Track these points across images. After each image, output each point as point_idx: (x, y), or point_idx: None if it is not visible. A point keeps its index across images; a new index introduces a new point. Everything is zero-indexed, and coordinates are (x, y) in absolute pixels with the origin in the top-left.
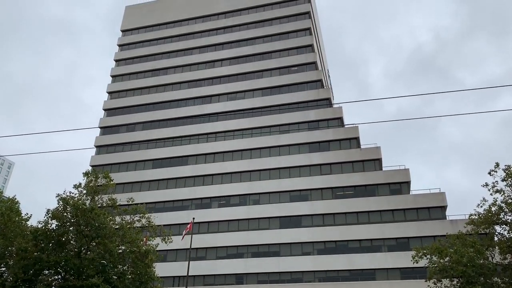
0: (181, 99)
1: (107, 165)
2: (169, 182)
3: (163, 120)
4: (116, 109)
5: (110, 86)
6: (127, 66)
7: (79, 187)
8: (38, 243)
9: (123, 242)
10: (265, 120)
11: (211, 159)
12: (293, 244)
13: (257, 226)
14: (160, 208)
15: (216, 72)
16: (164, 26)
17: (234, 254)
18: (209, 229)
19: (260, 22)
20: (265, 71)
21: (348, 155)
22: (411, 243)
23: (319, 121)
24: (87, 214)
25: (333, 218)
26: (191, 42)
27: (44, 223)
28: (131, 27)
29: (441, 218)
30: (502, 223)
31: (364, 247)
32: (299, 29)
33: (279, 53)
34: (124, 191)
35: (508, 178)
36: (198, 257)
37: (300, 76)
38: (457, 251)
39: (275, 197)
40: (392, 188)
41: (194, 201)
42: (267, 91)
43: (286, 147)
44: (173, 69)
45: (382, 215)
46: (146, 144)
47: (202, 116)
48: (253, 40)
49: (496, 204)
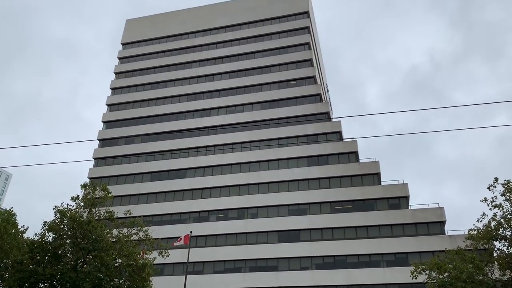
0: (180, 112)
1: (105, 177)
2: (167, 195)
3: (162, 133)
4: (115, 122)
5: (110, 98)
6: (127, 79)
7: (76, 199)
8: (34, 256)
9: (120, 255)
10: (264, 133)
11: (210, 172)
12: (292, 259)
13: (255, 240)
14: (157, 221)
15: (216, 86)
16: (164, 40)
17: (232, 269)
18: (207, 243)
19: (259, 37)
20: (264, 85)
21: (346, 169)
22: (410, 258)
23: (318, 135)
24: (84, 227)
25: (332, 232)
26: (191, 56)
27: (41, 235)
28: (132, 40)
29: (440, 233)
30: (502, 239)
31: (363, 262)
32: (298, 43)
33: (278, 67)
34: (122, 203)
35: (507, 193)
36: (195, 271)
37: (299, 90)
38: (456, 267)
39: (273, 211)
40: (391, 203)
41: (192, 214)
42: (266, 104)
43: (285, 161)
44: (172, 82)
45: (381, 229)
46: (144, 157)
47: (201, 129)
48: (253, 54)
49: (495, 219)
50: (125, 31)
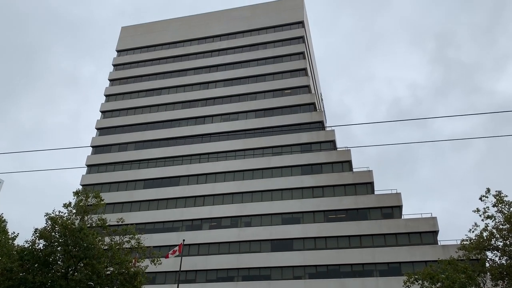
0: (174, 119)
1: (97, 184)
2: (160, 202)
3: (156, 140)
4: (109, 128)
5: (104, 105)
6: (121, 86)
7: (68, 206)
8: (24, 263)
9: (111, 263)
10: (258, 142)
11: (203, 180)
12: (284, 268)
13: (248, 249)
14: (150, 229)
15: (210, 94)
16: (159, 47)
17: (225, 277)
18: (200, 251)
19: (254, 46)
20: (259, 93)
21: (340, 178)
22: (402, 267)
23: (312, 144)
24: (76, 234)
25: (325, 241)
26: (186, 64)
27: (31, 242)
28: (126, 47)
29: (432, 243)
30: (494, 249)
31: (356, 272)
32: (293, 53)
33: (273, 76)
34: (114, 211)
35: (499, 204)
36: (187, 279)
37: (293, 99)
38: (449, 277)
39: (266, 220)
40: (384, 212)
41: (184, 222)
42: (260, 113)
43: (279, 169)
44: (167, 89)
45: (374, 239)
46: (137, 164)
47: (195, 137)
48: (247, 63)
49: (487, 229)
50: (120, 38)
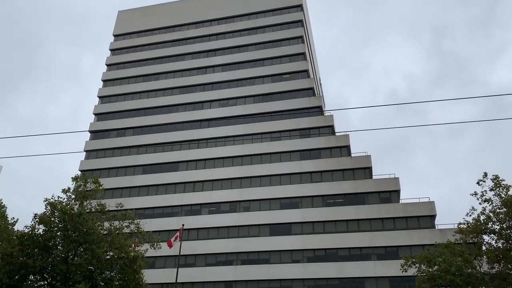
0: (172, 104)
1: (96, 170)
2: (159, 188)
3: (154, 126)
4: (107, 114)
5: (101, 90)
6: (119, 71)
7: (67, 191)
8: (24, 248)
9: (111, 248)
10: (257, 127)
11: (202, 166)
12: (283, 252)
13: (247, 233)
14: (149, 214)
15: (208, 79)
16: (156, 32)
17: (224, 261)
18: (199, 236)
19: (252, 30)
20: (257, 78)
21: (338, 163)
22: (400, 251)
23: (311, 129)
24: (75, 219)
25: (323, 226)
26: (184, 48)
27: (31, 227)
28: (123, 32)
29: (430, 227)
30: (490, 232)
31: (354, 255)
32: (292, 37)
33: (271, 61)
34: (113, 196)
35: (496, 188)
36: (187, 264)
37: (292, 83)
38: (446, 260)
39: (265, 204)
40: (382, 197)
41: (184, 207)
42: (259, 98)
43: (277, 155)
44: (165, 74)
45: (372, 223)
46: (136, 150)
47: (193, 122)
48: (246, 47)
49: (484, 213)
50: (117, 23)
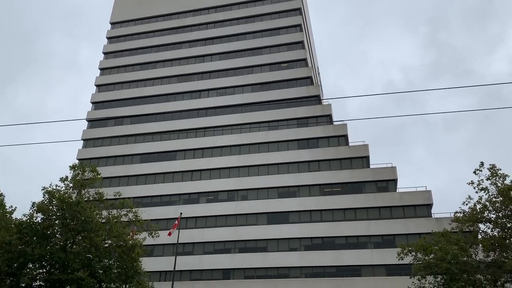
0: (170, 93)
1: (94, 158)
2: (157, 176)
3: (152, 114)
4: (104, 102)
5: (98, 79)
6: (116, 59)
7: (65, 180)
8: (23, 236)
9: (109, 236)
10: (255, 116)
11: (200, 154)
12: (280, 240)
13: (244, 222)
14: (147, 203)
15: (206, 67)
16: (154, 19)
17: (221, 250)
18: (197, 225)
19: (251, 18)
20: (255, 67)
21: (336, 152)
22: (397, 240)
23: (308, 118)
24: (73, 208)
25: (320, 214)
26: (181, 36)
27: (29, 216)
28: (121, 19)
29: (426, 216)
30: (486, 221)
31: (351, 244)
32: (290, 25)
33: (270, 49)
34: (111, 185)
35: (493, 177)
36: (185, 252)
37: (290, 72)
38: (442, 249)
39: (263, 193)
40: (379, 186)
41: (182, 196)
42: (257, 87)
43: (275, 144)
44: (162, 62)
45: (369, 212)
46: (134, 138)
47: (191, 111)
48: (244, 36)
49: (481, 202)
50: (114, 10)
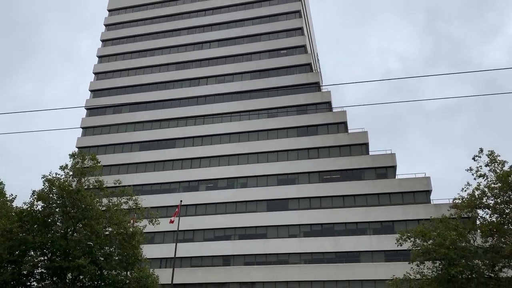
0: (168, 81)
1: (93, 146)
2: (157, 164)
3: (151, 102)
4: (103, 90)
5: (96, 66)
6: (114, 47)
7: (65, 168)
8: (24, 224)
9: (110, 223)
10: (254, 103)
11: (199, 142)
12: (280, 227)
13: (244, 209)
14: (147, 191)
15: (204, 54)
16: (152, 6)
17: (221, 236)
18: (197, 212)
19: (249, 4)
20: (254, 54)
21: (335, 139)
22: (395, 226)
23: (308, 105)
24: (74, 196)
25: (320, 201)
26: (179, 23)
27: (30, 204)
28: (118, 6)
29: (425, 202)
30: (485, 207)
31: (350, 230)
32: (289, 11)
33: (268, 36)
34: (111, 173)
35: (492, 164)
36: (185, 239)
37: (289, 59)
38: (440, 234)
39: (262, 181)
40: (378, 172)
41: (181, 183)
42: (256, 74)
43: (274, 131)
44: (160, 50)
45: (368, 198)
46: (133, 126)
47: (190, 99)
48: (242, 22)
49: (479, 188)
50: None
